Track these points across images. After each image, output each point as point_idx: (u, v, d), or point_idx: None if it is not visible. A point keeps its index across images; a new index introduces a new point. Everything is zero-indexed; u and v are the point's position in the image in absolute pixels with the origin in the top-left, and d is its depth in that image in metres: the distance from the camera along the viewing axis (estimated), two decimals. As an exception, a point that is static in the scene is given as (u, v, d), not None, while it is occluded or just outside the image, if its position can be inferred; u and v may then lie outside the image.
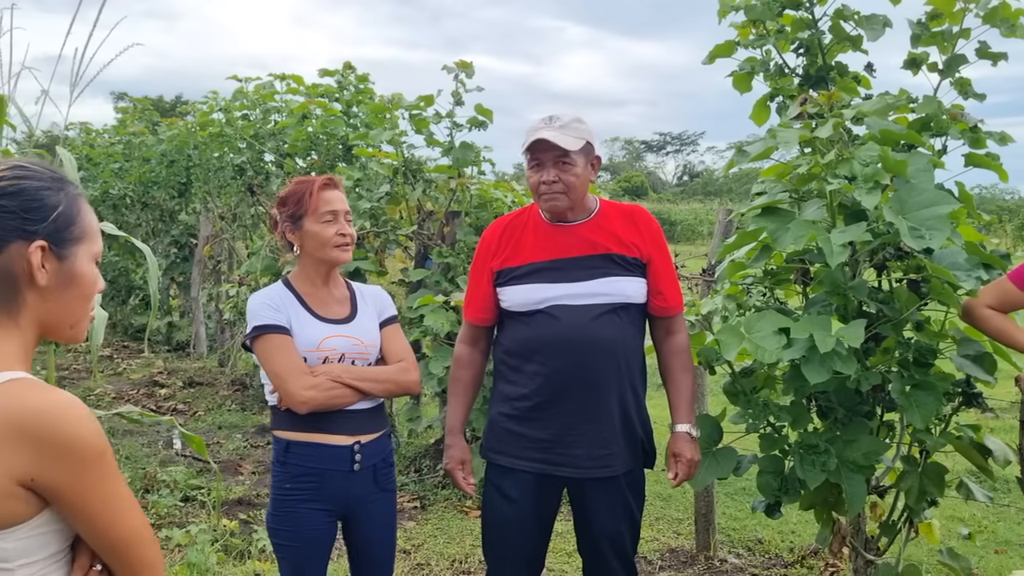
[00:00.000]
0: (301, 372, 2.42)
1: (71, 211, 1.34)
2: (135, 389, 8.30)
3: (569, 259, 2.59)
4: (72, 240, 1.33)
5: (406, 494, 5.19)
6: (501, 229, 2.73)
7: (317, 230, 2.51)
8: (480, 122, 5.49)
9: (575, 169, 2.53)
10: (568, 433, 2.57)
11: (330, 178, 2.57)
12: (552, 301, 2.56)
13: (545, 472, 2.60)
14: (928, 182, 2.83)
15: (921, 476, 3.27)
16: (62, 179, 1.36)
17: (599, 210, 2.67)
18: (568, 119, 2.55)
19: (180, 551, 4.10)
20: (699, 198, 47.54)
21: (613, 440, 2.59)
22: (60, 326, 1.35)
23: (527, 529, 2.67)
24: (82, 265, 1.35)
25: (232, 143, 8.15)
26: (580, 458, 2.58)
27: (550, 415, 2.57)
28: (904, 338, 3.13)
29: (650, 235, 2.67)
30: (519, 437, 2.62)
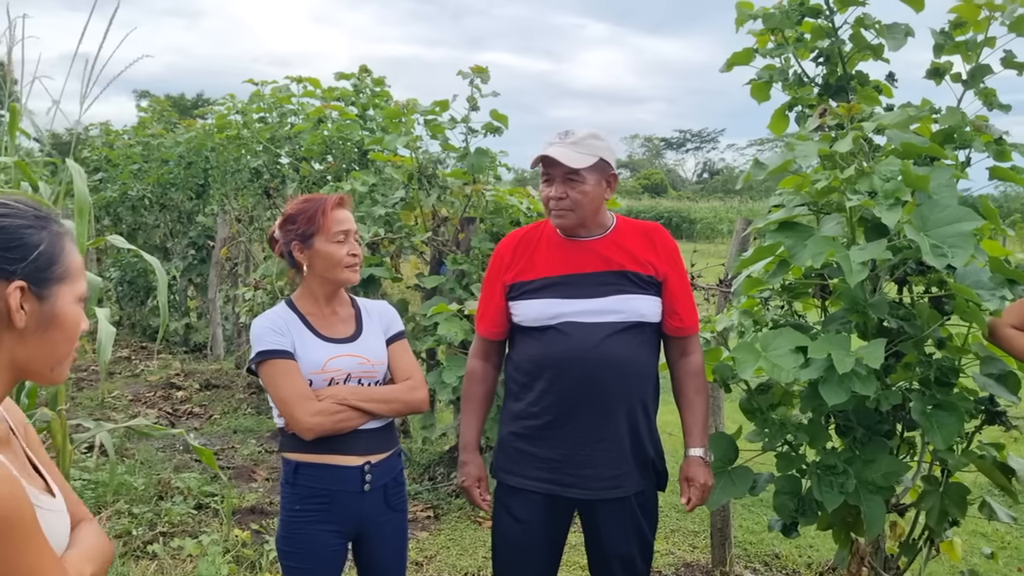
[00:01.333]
0: (306, 398, 2.38)
1: (53, 250, 1.29)
2: (152, 391, 8.32)
3: (582, 275, 2.54)
4: (53, 280, 1.28)
5: (419, 503, 5.16)
6: (515, 242, 2.68)
7: (330, 250, 2.47)
8: (495, 128, 5.44)
9: (583, 186, 2.48)
10: (577, 453, 2.52)
11: (341, 197, 2.53)
12: (564, 317, 2.51)
13: (554, 493, 2.56)
14: (951, 197, 2.76)
15: (942, 496, 3.20)
16: (46, 217, 1.31)
17: (615, 227, 2.62)
18: (582, 135, 2.50)
19: (192, 561, 4.09)
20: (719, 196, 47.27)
21: (623, 461, 2.54)
22: (40, 368, 1.31)
23: (537, 550, 2.63)
24: (64, 306, 1.30)
25: (249, 146, 8.15)
26: (589, 479, 2.53)
27: (559, 435, 2.53)
28: (926, 355, 3.05)
29: (666, 253, 2.62)
30: (528, 456, 2.58)
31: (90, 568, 1.36)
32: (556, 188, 2.49)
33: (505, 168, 6.23)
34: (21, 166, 3.49)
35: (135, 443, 6.34)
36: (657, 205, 38.70)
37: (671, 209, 36.97)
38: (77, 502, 1.50)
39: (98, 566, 1.40)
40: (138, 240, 11.24)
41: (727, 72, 3.63)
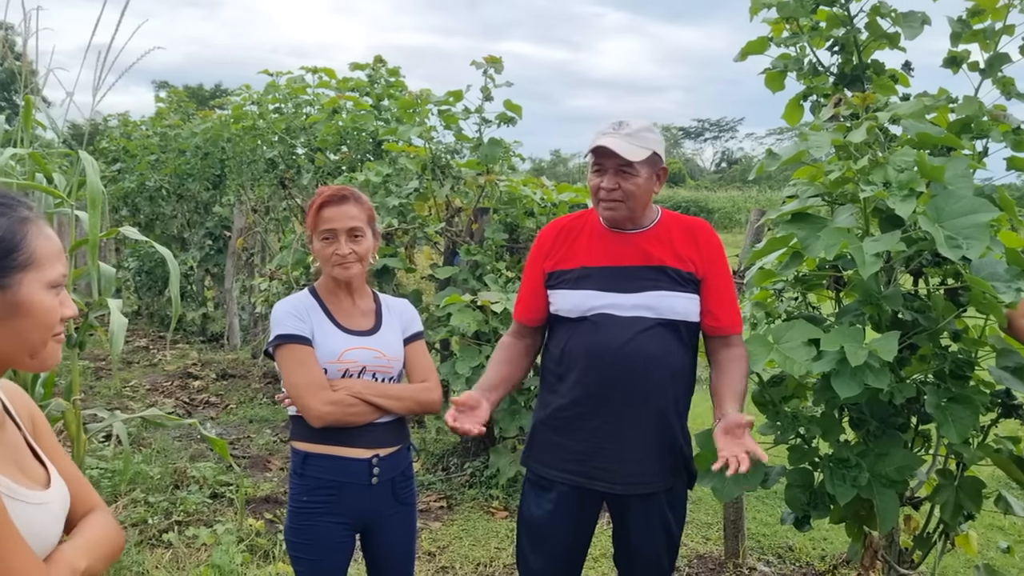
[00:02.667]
0: (320, 386, 2.39)
1: (12, 238, 1.26)
2: (169, 381, 8.38)
3: (621, 268, 2.51)
4: (15, 268, 1.25)
5: (433, 493, 5.17)
6: (557, 230, 2.66)
7: (318, 248, 2.50)
8: (509, 118, 5.42)
9: (637, 179, 2.45)
10: (605, 447, 2.49)
11: (335, 194, 2.50)
12: (599, 309, 2.49)
13: (580, 485, 2.54)
14: (967, 188, 2.72)
15: (957, 490, 3.17)
16: (7, 204, 1.28)
17: (659, 221, 2.58)
18: (637, 127, 2.46)
19: (206, 550, 4.12)
20: (737, 185, 46.99)
21: (651, 457, 2.50)
22: (15, 357, 1.29)
23: (559, 539, 2.60)
24: (31, 294, 1.27)
25: (265, 136, 8.17)
26: (616, 473, 2.50)
27: (588, 427, 2.50)
28: (941, 348, 3.02)
29: (708, 251, 2.57)
30: (558, 447, 2.56)
31: (85, 561, 1.35)
32: (608, 179, 2.45)
33: (520, 158, 6.22)
34: (35, 157, 3.52)
35: (152, 432, 6.39)
36: (675, 195, 38.51)
37: (689, 199, 36.77)
38: (87, 492, 1.49)
39: (97, 558, 1.39)
40: (156, 230, 11.31)
41: (741, 61, 3.60)
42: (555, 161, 57.03)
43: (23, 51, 4.23)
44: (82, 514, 1.45)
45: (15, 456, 1.33)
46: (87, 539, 1.40)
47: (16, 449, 1.35)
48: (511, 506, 4.96)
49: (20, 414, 1.41)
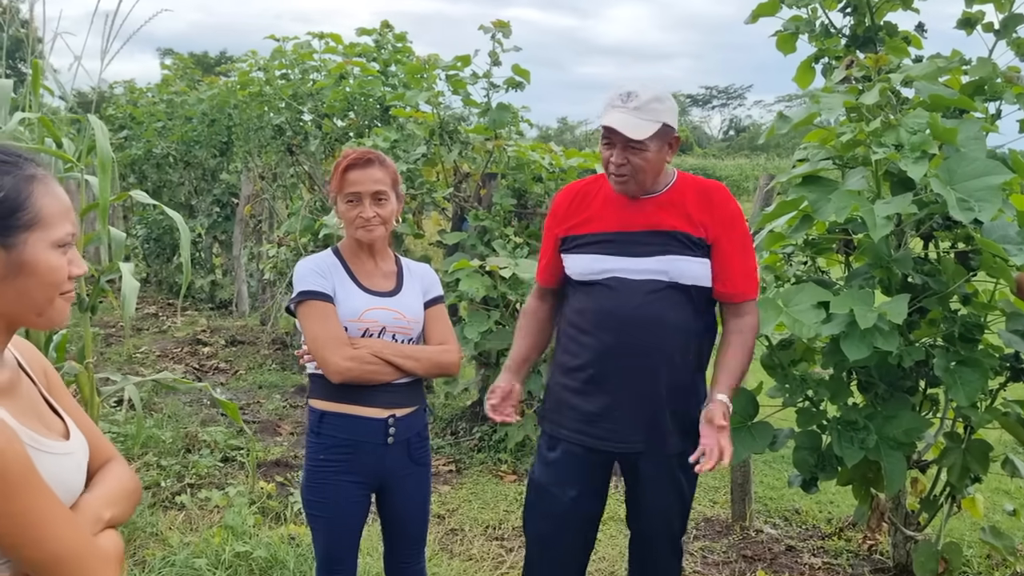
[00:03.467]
0: (341, 342, 2.41)
1: (16, 196, 1.25)
2: (179, 347, 8.43)
3: (633, 232, 2.50)
4: (20, 227, 1.25)
5: (442, 458, 5.21)
6: (572, 195, 2.65)
7: (342, 210, 2.50)
8: (517, 83, 5.39)
9: (646, 154, 2.41)
10: (617, 408, 2.50)
11: (360, 156, 2.50)
12: (610, 273, 2.49)
13: (588, 445, 2.55)
14: (979, 150, 2.71)
15: (964, 453, 3.19)
16: (12, 162, 1.28)
17: (673, 184, 2.54)
18: (647, 98, 2.39)
19: (219, 512, 4.17)
20: (745, 153, 46.67)
21: (662, 420, 2.50)
22: (22, 315, 1.29)
23: (565, 497, 2.60)
24: (36, 253, 1.27)
25: (271, 103, 8.13)
26: (627, 434, 2.51)
27: (601, 389, 2.51)
28: (950, 312, 3.02)
29: (722, 215, 2.50)
30: (571, 409, 2.58)
31: (110, 511, 1.37)
32: (617, 154, 2.42)
33: (528, 124, 6.20)
34: (44, 122, 3.51)
35: (163, 397, 6.44)
36: (683, 163, 38.27)
37: (696, 167, 36.55)
38: (103, 443, 1.50)
39: (120, 508, 1.41)
40: (163, 198, 11.31)
41: (752, 24, 3.57)
42: (562, 128, 56.71)
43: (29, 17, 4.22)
44: (99, 465, 1.47)
45: (34, 409, 1.35)
46: (108, 489, 1.42)
47: (34, 403, 1.36)
48: (519, 470, 5.00)
49: (34, 370, 1.43)
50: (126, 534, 3.79)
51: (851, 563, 3.79)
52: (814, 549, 3.99)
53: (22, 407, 1.31)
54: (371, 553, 3.56)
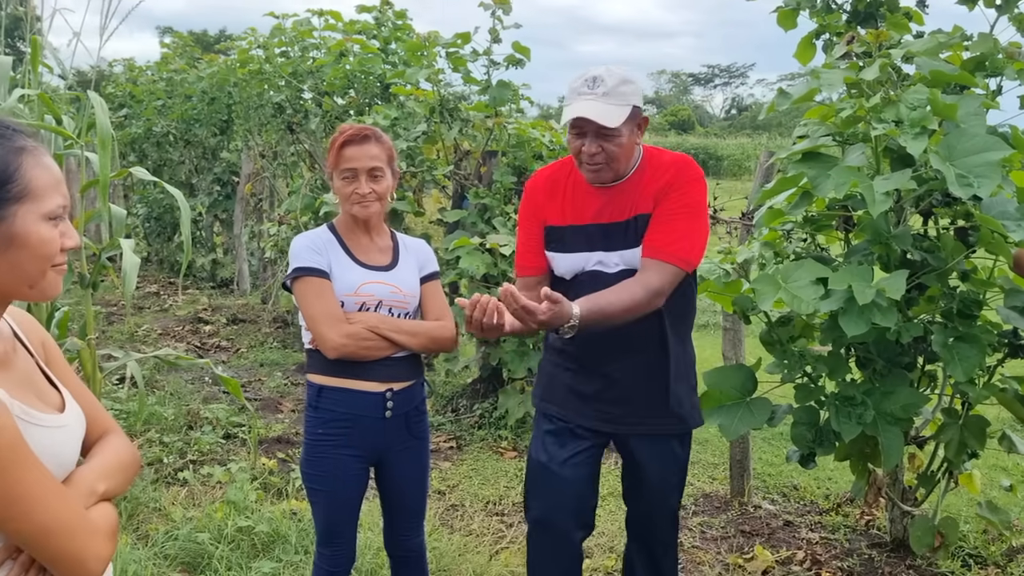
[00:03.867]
0: (337, 318, 2.42)
1: (6, 169, 1.24)
2: (180, 326, 8.45)
3: (605, 225, 2.46)
4: (9, 199, 1.24)
5: (442, 434, 5.24)
6: (544, 184, 2.60)
7: (338, 186, 2.51)
8: (517, 60, 5.37)
9: (619, 139, 2.35)
10: (608, 390, 2.52)
11: (357, 133, 2.49)
12: (588, 267, 2.48)
13: (585, 424, 2.56)
14: (979, 126, 2.71)
15: (962, 429, 3.21)
16: (2, 134, 1.26)
17: (638, 165, 2.49)
18: (614, 82, 2.32)
19: (221, 487, 4.20)
20: (747, 132, 46.51)
21: (653, 400, 2.52)
22: (14, 287, 1.29)
23: (563, 474, 2.59)
24: (26, 225, 1.26)
25: (271, 80, 8.11)
26: (619, 415, 2.53)
27: (589, 372, 2.53)
28: (949, 288, 3.03)
29: (670, 183, 2.41)
30: (563, 387, 2.59)
31: (104, 484, 1.37)
32: (590, 143, 2.36)
33: (528, 102, 6.19)
34: (44, 99, 3.51)
35: (164, 375, 6.47)
36: (684, 142, 38.14)
37: (698, 146, 36.43)
38: (101, 415, 1.50)
39: (116, 480, 1.41)
40: (163, 176, 11.29)
41: (754, 0, 3.55)
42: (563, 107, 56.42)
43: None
44: (96, 437, 1.47)
45: (29, 381, 1.35)
46: (104, 461, 1.42)
47: (29, 375, 1.36)
48: (520, 446, 5.03)
49: (32, 341, 1.43)
50: (129, 509, 3.82)
51: (848, 538, 3.82)
52: (812, 524, 4.02)
53: (15, 379, 1.31)
54: (372, 528, 3.59)
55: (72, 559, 1.24)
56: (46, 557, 1.24)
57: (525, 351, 5.10)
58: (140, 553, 3.32)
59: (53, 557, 1.23)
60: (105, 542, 1.30)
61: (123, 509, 3.80)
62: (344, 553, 2.60)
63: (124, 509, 3.81)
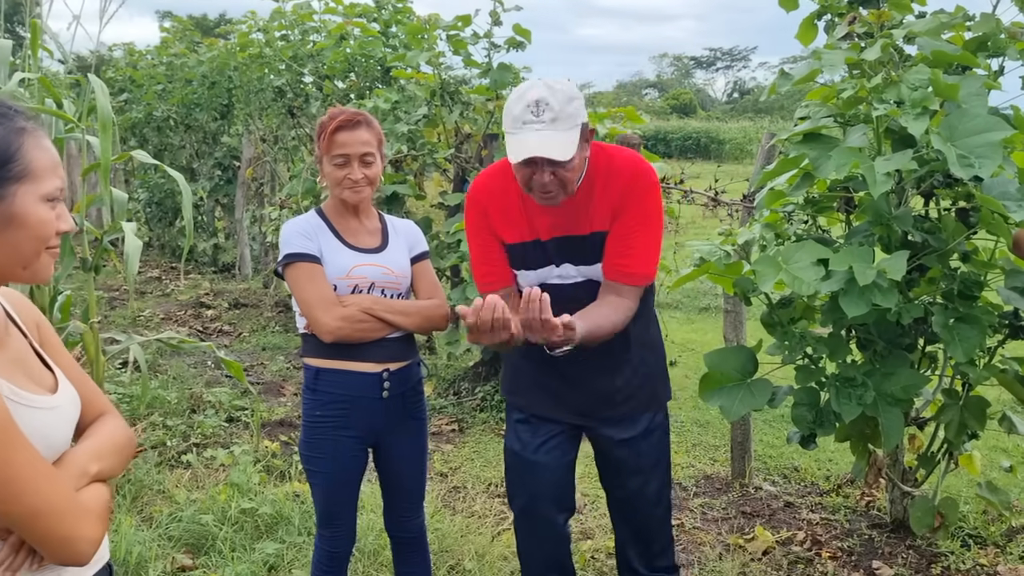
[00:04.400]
0: (330, 302, 2.43)
1: (6, 148, 1.25)
2: (183, 310, 8.47)
3: (562, 239, 2.39)
4: (9, 179, 1.25)
5: (444, 417, 5.26)
6: (489, 196, 2.46)
7: (328, 171, 2.50)
8: (518, 43, 5.36)
9: (572, 163, 2.21)
10: (566, 390, 2.51)
11: (349, 119, 2.48)
12: (547, 280, 2.43)
13: (551, 417, 2.55)
14: (981, 107, 2.70)
15: (962, 409, 3.22)
16: (4, 113, 1.27)
17: (584, 177, 2.35)
18: (559, 103, 2.16)
19: (224, 470, 4.22)
20: (749, 116, 46.36)
21: (619, 397, 2.50)
22: (9, 268, 1.29)
23: (546, 471, 2.58)
24: (25, 206, 1.27)
25: (272, 64, 8.10)
26: (580, 409, 2.52)
27: (552, 371, 2.49)
28: (950, 269, 3.03)
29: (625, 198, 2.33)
30: (530, 381, 2.57)
31: (97, 465, 1.37)
32: (542, 174, 2.20)
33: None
34: (44, 82, 3.51)
35: (167, 359, 6.50)
36: (685, 126, 38.02)
37: (699, 130, 36.32)
38: (97, 396, 1.50)
39: (109, 462, 1.41)
40: (164, 161, 11.27)
41: (755, -20, 3.53)
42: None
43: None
44: (92, 419, 1.47)
45: (21, 362, 1.35)
46: (98, 442, 1.42)
47: (22, 356, 1.36)
48: (521, 429, 5.05)
49: (26, 323, 1.43)
50: (133, 491, 3.84)
51: (848, 518, 3.83)
52: (812, 505, 4.04)
53: (6, 360, 1.30)
54: (374, 510, 3.61)
55: (62, 540, 1.25)
56: (36, 538, 1.24)
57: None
58: (145, 534, 3.34)
59: (42, 538, 1.24)
60: (95, 523, 1.30)
61: (127, 491, 3.82)
62: (344, 534, 2.63)
63: (128, 491, 3.83)
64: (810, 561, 3.45)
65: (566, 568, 2.73)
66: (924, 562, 3.41)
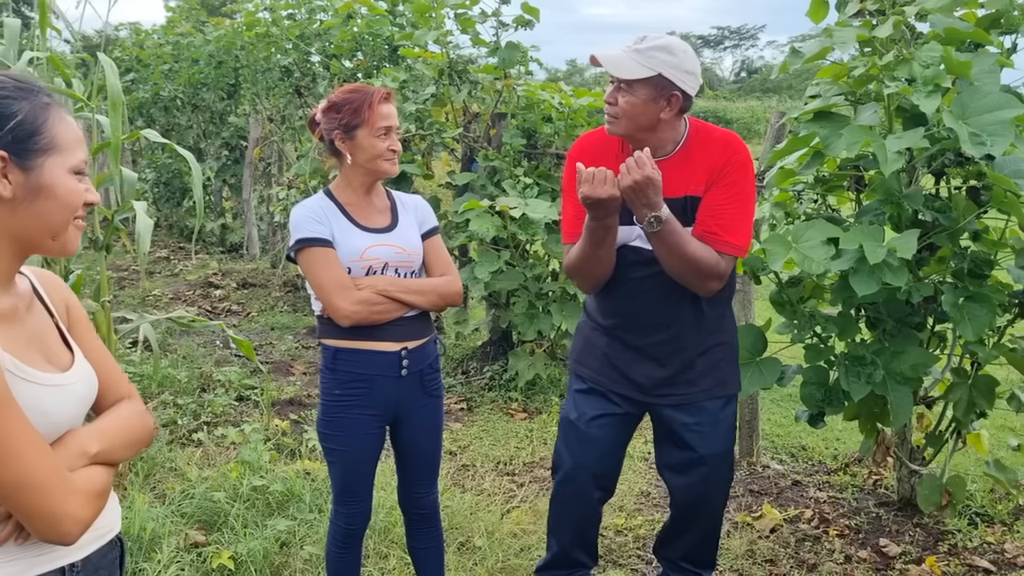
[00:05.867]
0: (345, 287, 2.43)
1: (34, 121, 1.28)
2: (191, 290, 8.49)
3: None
4: (37, 151, 1.28)
5: (453, 396, 5.28)
6: (588, 151, 2.52)
7: (371, 143, 2.48)
8: (526, 21, 5.33)
9: (631, 98, 2.32)
10: (642, 361, 2.51)
11: (389, 92, 2.53)
12: (627, 241, 2.45)
13: (620, 393, 2.57)
14: (993, 84, 2.69)
15: (971, 388, 3.22)
16: (29, 89, 1.30)
17: (683, 145, 2.43)
18: (649, 45, 2.31)
19: (235, 449, 4.25)
20: (757, 95, 46.07)
21: (683, 374, 2.50)
22: (39, 239, 1.32)
23: (595, 446, 2.61)
24: (53, 177, 1.30)
25: (279, 43, 8.07)
26: (648, 387, 2.53)
27: (625, 343, 2.52)
28: (960, 248, 3.03)
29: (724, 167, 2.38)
30: (596, 350, 2.60)
31: (98, 445, 1.37)
32: (609, 93, 2.38)
33: (537, 63, 6.14)
34: (53, 61, 3.51)
35: (177, 339, 6.52)
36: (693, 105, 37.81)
37: (706, 109, 36.09)
38: (120, 381, 1.51)
39: (114, 445, 1.41)
40: (171, 141, 11.27)
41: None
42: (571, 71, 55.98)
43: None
44: (112, 403, 1.48)
45: (39, 339, 1.36)
46: (105, 424, 1.43)
47: (41, 333, 1.37)
48: (530, 408, 5.07)
49: (55, 302, 1.44)
50: (145, 469, 3.88)
51: (856, 497, 3.85)
52: (820, 484, 4.06)
53: (19, 335, 1.31)
54: (385, 487, 3.64)
55: (45, 516, 1.24)
56: (20, 511, 1.24)
57: (535, 314, 5.12)
58: (158, 511, 3.37)
59: (26, 511, 1.23)
60: (86, 504, 1.29)
61: (140, 469, 3.86)
62: (361, 511, 2.64)
63: (141, 469, 3.86)
64: (817, 539, 3.47)
65: (591, 547, 2.78)
66: (931, 540, 3.43)
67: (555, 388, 5.32)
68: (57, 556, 1.32)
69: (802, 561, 3.29)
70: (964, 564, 3.22)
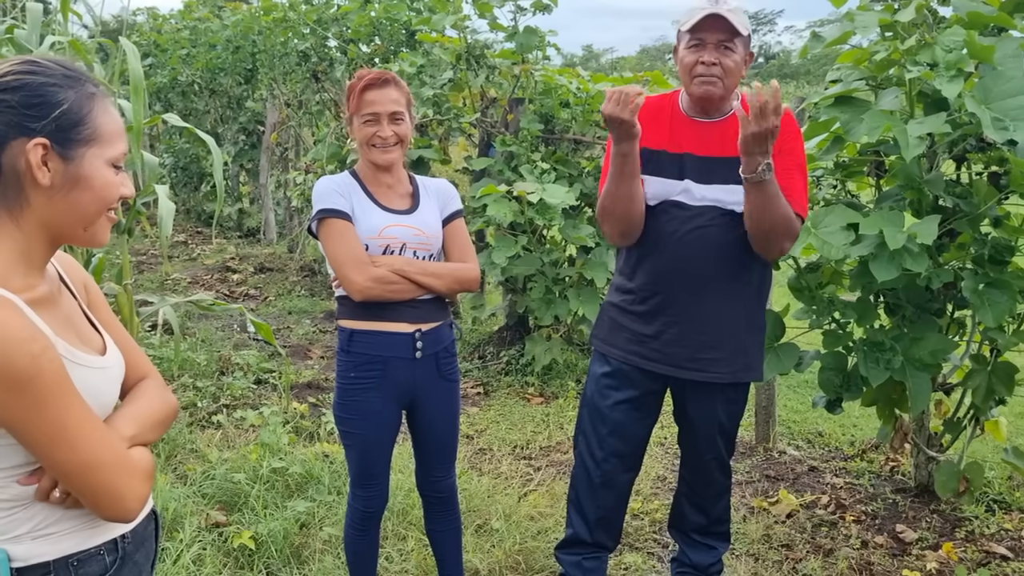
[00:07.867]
0: (362, 261, 2.44)
1: (79, 111, 1.28)
2: (209, 274, 8.55)
3: (698, 157, 2.46)
4: (79, 141, 1.28)
5: (470, 380, 5.31)
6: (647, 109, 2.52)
7: (358, 130, 2.51)
8: (544, 5, 5.32)
9: (735, 56, 2.37)
10: (668, 331, 2.52)
11: (377, 77, 2.50)
12: (670, 196, 2.47)
13: (637, 365, 2.58)
14: (1017, 69, 2.67)
15: (990, 375, 3.21)
16: (76, 78, 1.30)
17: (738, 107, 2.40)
18: (735, 5, 2.36)
19: (254, 431, 4.29)
20: (775, 81, 45.68)
21: (713, 346, 2.51)
22: (72, 229, 1.32)
23: (622, 422, 2.65)
24: (92, 168, 1.30)
25: (296, 28, 8.08)
26: (677, 357, 2.53)
27: (653, 312, 2.53)
28: (980, 234, 3.02)
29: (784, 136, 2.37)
30: (622, 329, 2.61)
31: (133, 429, 1.38)
32: (708, 53, 2.36)
33: (555, 49, 6.13)
34: (75, 45, 3.53)
35: (195, 323, 6.58)
36: (710, 90, 37.55)
37: (724, 94, 35.93)
38: (140, 359, 1.53)
39: (145, 426, 1.42)
40: (189, 126, 11.31)
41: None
42: (587, 56, 55.72)
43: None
44: (134, 381, 1.49)
45: (72, 323, 1.38)
46: (137, 407, 1.44)
47: (73, 317, 1.39)
48: (546, 392, 5.09)
49: (75, 284, 1.46)
50: (167, 450, 3.92)
51: (872, 483, 3.85)
52: (836, 470, 4.06)
53: (61, 320, 1.33)
54: (402, 470, 3.66)
55: (113, 494, 1.27)
56: (88, 491, 1.26)
57: (552, 299, 5.13)
58: (180, 491, 3.42)
59: (95, 491, 1.26)
60: (144, 481, 1.33)
61: (161, 450, 3.90)
62: (378, 494, 2.66)
63: (162, 450, 3.91)
64: (834, 524, 3.47)
65: (616, 531, 2.81)
66: (948, 526, 3.43)
67: (571, 373, 5.33)
68: (111, 527, 1.36)
69: (818, 546, 3.30)
70: (981, 551, 3.22)
